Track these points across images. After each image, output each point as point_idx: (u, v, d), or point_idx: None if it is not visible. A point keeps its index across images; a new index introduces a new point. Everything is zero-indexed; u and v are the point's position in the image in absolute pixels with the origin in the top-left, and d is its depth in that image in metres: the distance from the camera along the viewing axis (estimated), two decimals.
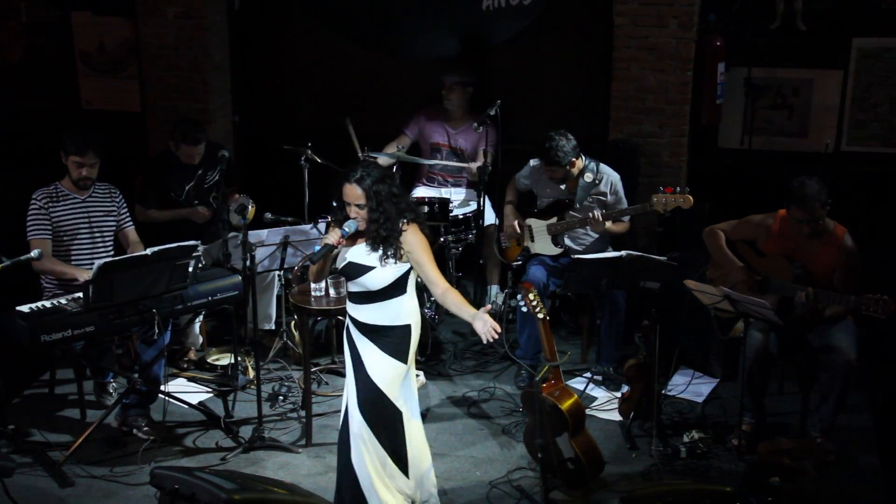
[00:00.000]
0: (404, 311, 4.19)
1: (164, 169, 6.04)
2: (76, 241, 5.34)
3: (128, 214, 5.58)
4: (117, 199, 5.52)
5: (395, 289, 4.15)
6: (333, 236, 4.12)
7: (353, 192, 4.08)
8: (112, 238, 5.50)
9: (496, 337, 4.06)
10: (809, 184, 4.81)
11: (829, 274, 4.87)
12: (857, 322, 4.91)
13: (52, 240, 5.27)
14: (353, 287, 4.21)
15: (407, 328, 4.20)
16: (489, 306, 4.31)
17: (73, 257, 5.33)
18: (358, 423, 4.19)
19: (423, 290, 5.19)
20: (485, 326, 4.04)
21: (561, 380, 4.73)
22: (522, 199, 6.09)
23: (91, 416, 5.34)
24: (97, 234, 5.41)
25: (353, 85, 7.40)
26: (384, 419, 4.21)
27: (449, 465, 4.96)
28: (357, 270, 4.14)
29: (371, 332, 4.19)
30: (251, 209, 5.44)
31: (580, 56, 6.98)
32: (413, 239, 4.13)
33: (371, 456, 4.21)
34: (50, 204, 5.28)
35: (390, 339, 4.17)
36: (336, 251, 4.20)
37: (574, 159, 5.63)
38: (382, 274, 4.11)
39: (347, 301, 4.28)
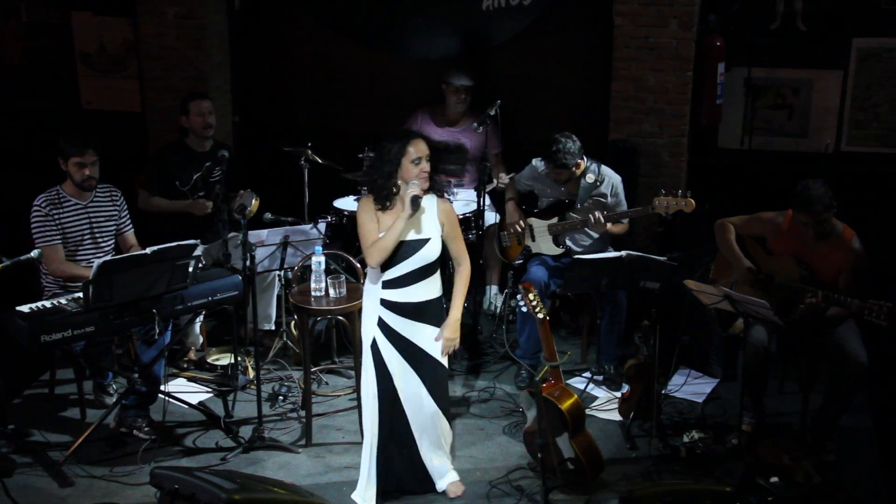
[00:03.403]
0: (439, 282, 4.45)
1: (174, 157, 6.06)
2: (81, 248, 5.33)
3: (128, 217, 5.57)
4: (118, 202, 5.51)
5: (438, 260, 4.41)
6: (415, 188, 4.31)
7: None
8: (113, 241, 5.49)
9: (447, 353, 4.45)
10: (814, 187, 4.79)
11: (835, 276, 4.86)
12: (858, 323, 4.91)
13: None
14: (409, 266, 4.32)
15: (441, 299, 4.46)
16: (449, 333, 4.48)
17: (78, 263, 5.32)
18: (430, 410, 4.46)
19: None
20: (445, 342, 4.42)
21: (561, 380, 4.73)
22: (522, 198, 6.09)
23: (91, 416, 5.34)
24: (100, 239, 5.40)
25: (353, 85, 7.41)
26: (445, 387, 4.56)
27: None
28: (415, 246, 4.32)
29: (421, 311, 4.36)
30: (255, 203, 5.43)
31: (580, 56, 6.98)
32: (450, 210, 4.44)
33: (439, 433, 4.55)
34: (54, 210, 5.23)
35: (435, 312, 4.42)
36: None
37: (578, 160, 5.63)
38: (437, 243, 4.35)
39: (388, 292, 4.35)
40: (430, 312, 4.39)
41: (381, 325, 4.39)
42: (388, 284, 4.35)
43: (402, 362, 4.41)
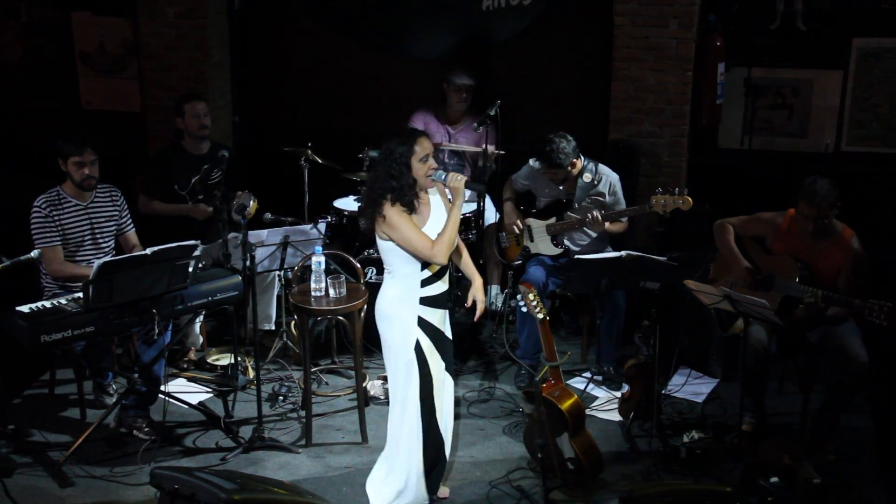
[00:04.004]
0: None
1: (171, 161, 6.06)
2: (81, 249, 5.33)
3: (129, 217, 5.56)
4: (118, 202, 5.50)
5: None
6: (460, 175, 4.34)
7: None
8: (113, 242, 5.49)
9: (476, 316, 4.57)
10: (821, 182, 4.80)
11: (834, 276, 4.86)
12: (858, 323, 4.91)
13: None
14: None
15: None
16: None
17: (78, 264, 5.32)
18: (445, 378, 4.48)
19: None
20: (481, 304, 4.55)
21: (561, 380, 4.73)
22: (520, 198, 6.09)
23: (91, 416, 5.33)
24: (100, 240, 5.39)
25: (353, 85, 7.40)
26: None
27: (449, 465, 4.95)
28: None
29: (447, 298, 4.41)
30: (253, 205, 5.43)
31: (580, 56, 6.98)
32: (444, 191, 4.47)
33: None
34: (54, 211, 5.23)
35: (451, 296, 4.50)
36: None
37: (574, 160, 5.64)
38: None
39: (428, 288, 4.32)
40: (449, 297, 4.45)
41: (422, 323, 4.32)
42: (427, 281, 4.32)
43: (436, 353, 4.38)
